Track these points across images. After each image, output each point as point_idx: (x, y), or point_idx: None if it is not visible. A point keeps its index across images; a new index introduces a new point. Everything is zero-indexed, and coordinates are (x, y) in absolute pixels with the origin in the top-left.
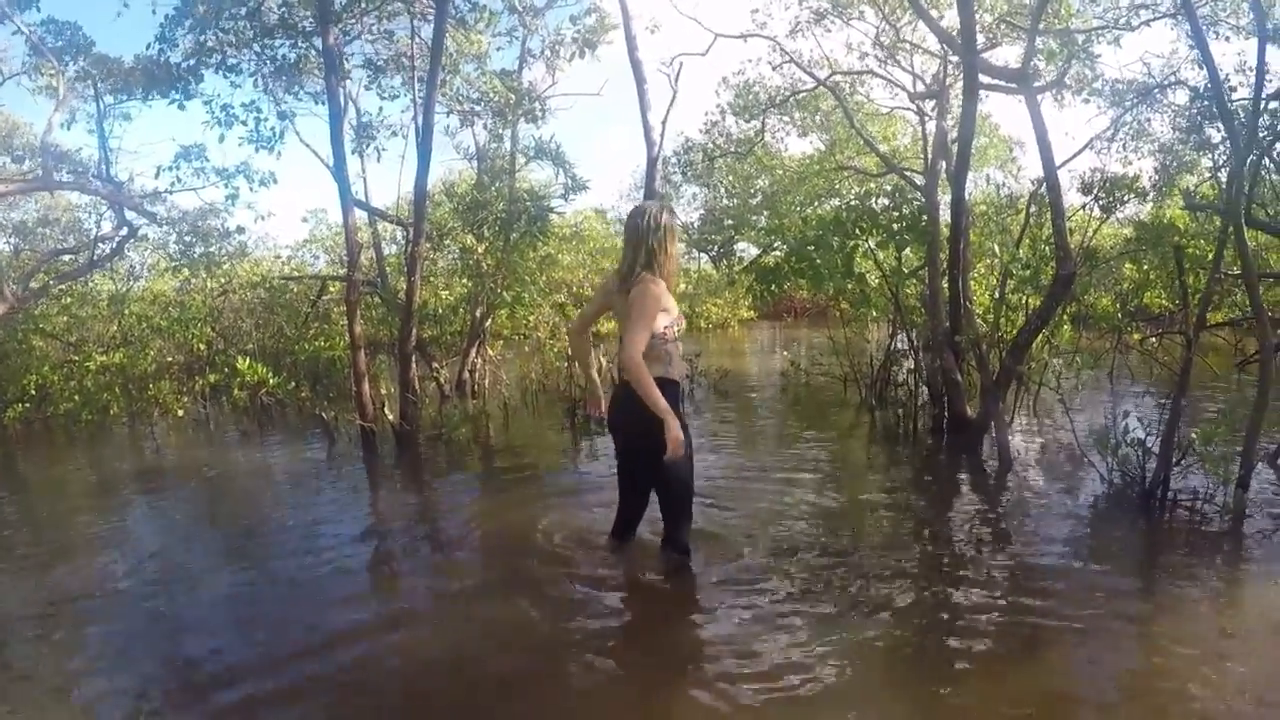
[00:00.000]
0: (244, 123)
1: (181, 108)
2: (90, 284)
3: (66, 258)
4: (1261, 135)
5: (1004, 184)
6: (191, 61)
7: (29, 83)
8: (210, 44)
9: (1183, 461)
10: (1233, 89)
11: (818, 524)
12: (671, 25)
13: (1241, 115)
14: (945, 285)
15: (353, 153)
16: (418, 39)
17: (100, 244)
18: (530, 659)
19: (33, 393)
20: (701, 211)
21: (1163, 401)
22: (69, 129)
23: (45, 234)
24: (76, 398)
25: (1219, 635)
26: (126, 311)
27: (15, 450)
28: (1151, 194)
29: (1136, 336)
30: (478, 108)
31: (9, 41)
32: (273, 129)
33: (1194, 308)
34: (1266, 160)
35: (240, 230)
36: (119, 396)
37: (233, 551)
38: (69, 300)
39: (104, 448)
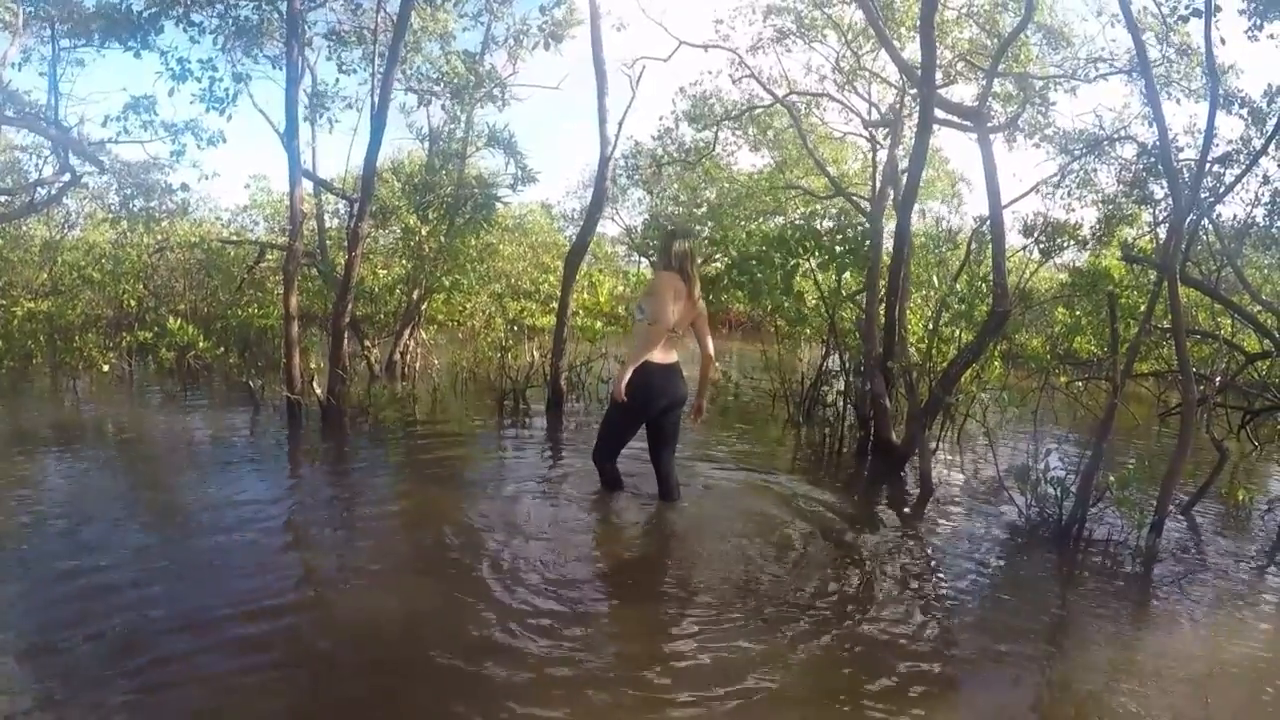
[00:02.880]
0: (198, 79)
1: (138, 56)
2: (24, 228)
3: (1, 199)
4: (1204, 195)
5: (946, 218)
6: (153, 10)
7: None
8: None
9: (1099, 503)
10: (1180, 149)
11: (732, 539)
12: (635, 27)
13: (1186, 174)
14: (881, 311)
15: (304, 121)
16: (383, 12)
17: (40, 188)
18: (437, 643)
19: None
20: (645, 217)
21: (1083, 444)
22: (20, 69)
23: None
24: (0, 343)
25: (1117, 673)
26: (59, 260)
27: None
28: (1091, 242)
29: (1063, 379)
30: (436, 88)
31: None
32: (226, 90)
33: (1122, 356)
34: (1205, 220)
35: (185, 188)
36: (43, 346)
37: (145, 514)
38: (0, 243)
39: (23, 396)
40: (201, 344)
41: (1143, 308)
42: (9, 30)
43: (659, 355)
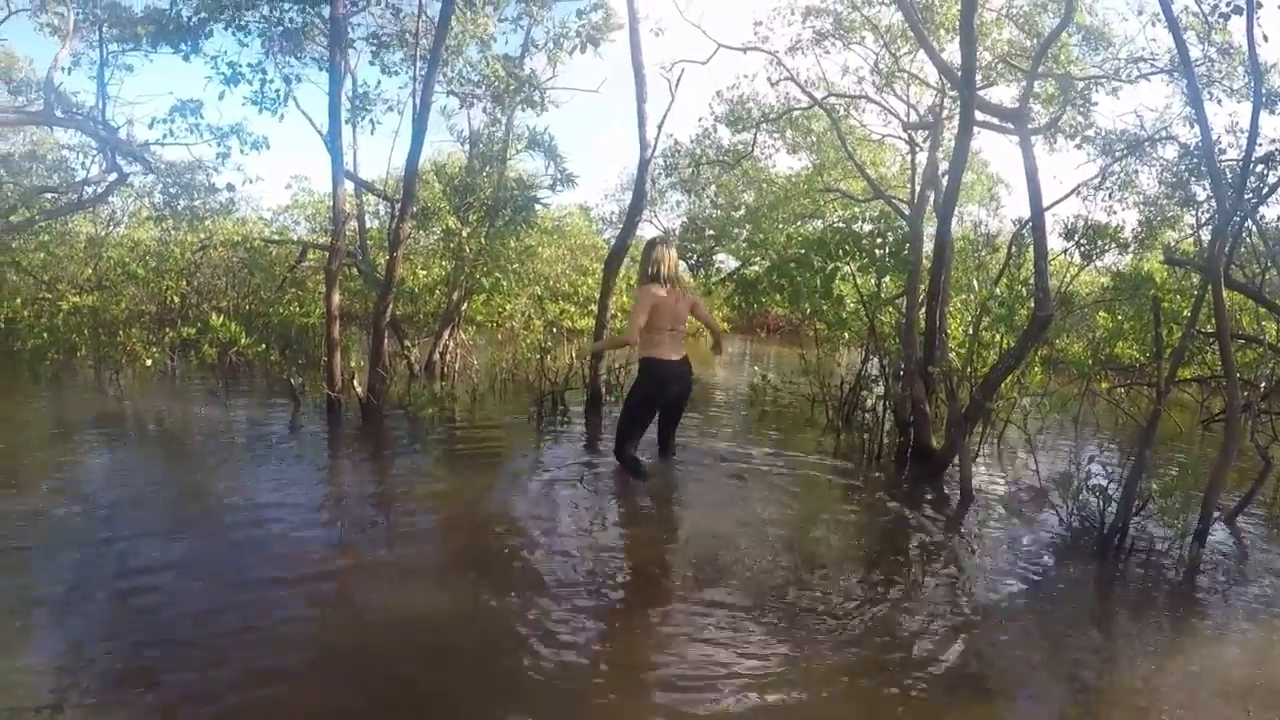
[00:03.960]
0: (249, 82)
1: (187, 60)
2: (70, 224)
3: (49, 196)
4: (1248, 196)
5: (984, 221)
6: (202, 15)
7: (32, 20)
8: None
9: (1141, 512)
10: (1222, 149)
11: (771, 542)
12: (674, 31)
13: (1229, 175)
14: (922, 315)
15: (346, 123)
16: (424, 16)
17: (87, 186)
18: (468, 639)
19: (2, 325)
20: (684, 219)
21: (1124, 451)
22: (69, 73)
23: (30, 169)
24: (45, 335)
25: (1159, 685)
26: (104, 256)
27: None
28: (1133, 245)
29: (1105, 385)
30: (477, 90)
31: None
32: (278, 91)
33: (1166, 361)
34: (1249, 222)
35: (230, 188)
36: (87, 339)
37: (184, 505)
38: (47, 238)
39: (67, 388)
40: (243, 341)
41: (1186, 312)
42: (59, 35)
43: (668, 353)
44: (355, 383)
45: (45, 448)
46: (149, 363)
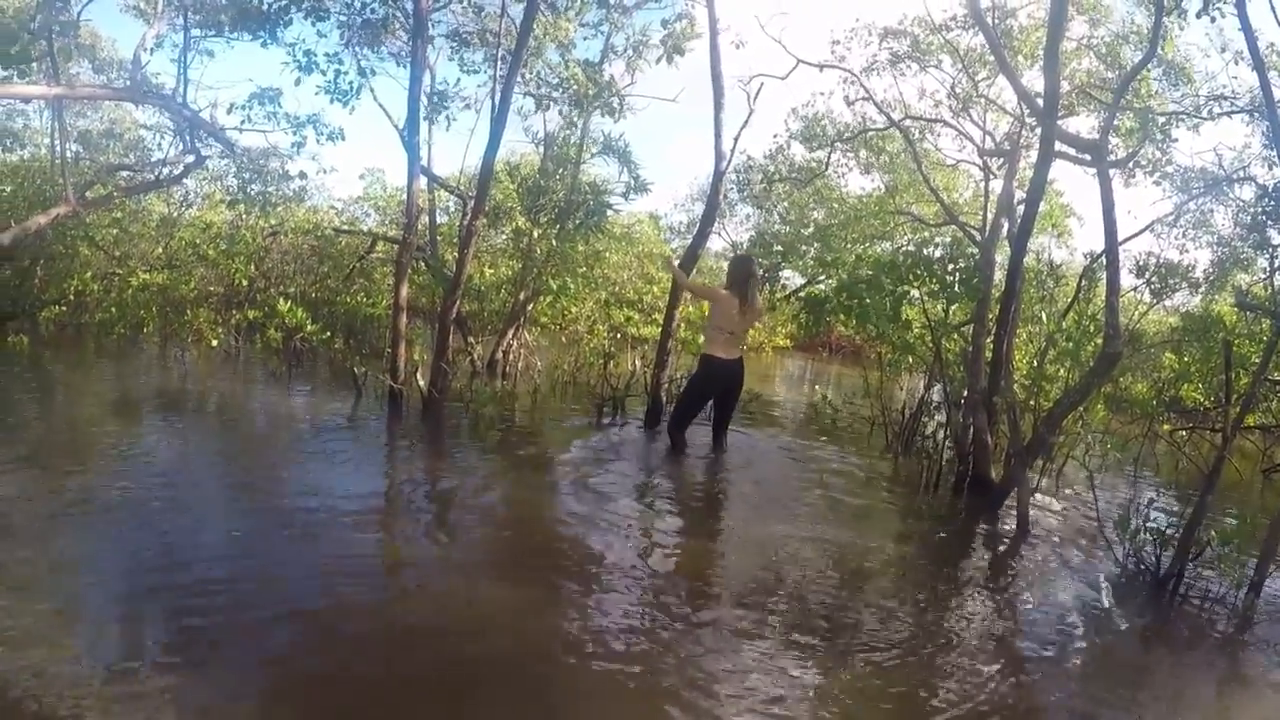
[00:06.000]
0: (323, 72)
1: (265, 46)
2: (143, 203)
3: (125, 174)
4: None
5: (1051, 251)
6: (283, 3)
7: (118, 1)
8: None
9: (1198, 559)
10: None
11: (821, 564)
12: (753, 44)
13: None
14: (989, 344)
15: (423, 119)
16: (506, 16)
17: (164, 167)
18: (518, 644)
19: (71, 298)
20: (752, 233)
21: (1182, 496)
22: (152, 54)
23: (108, 147)
24: (114, 310)
25: None
26: (175, 236)
27: (45, 351)
28: (1203, 286)
29: (1167, 427)
30: (555, 93)
31: None
32: (351, 83)
33: (1234, 407)
34: None
35: (303, 176)
36: (155, 316)
37: (241, 486)
38: (120, 215)
39: (133, 364)
40: (309, 327)
41: (1255, 357)
42: (145, 17)
43: (724, 353)
44: (418, 376)
45: (108, 422)
46: (214, 343)
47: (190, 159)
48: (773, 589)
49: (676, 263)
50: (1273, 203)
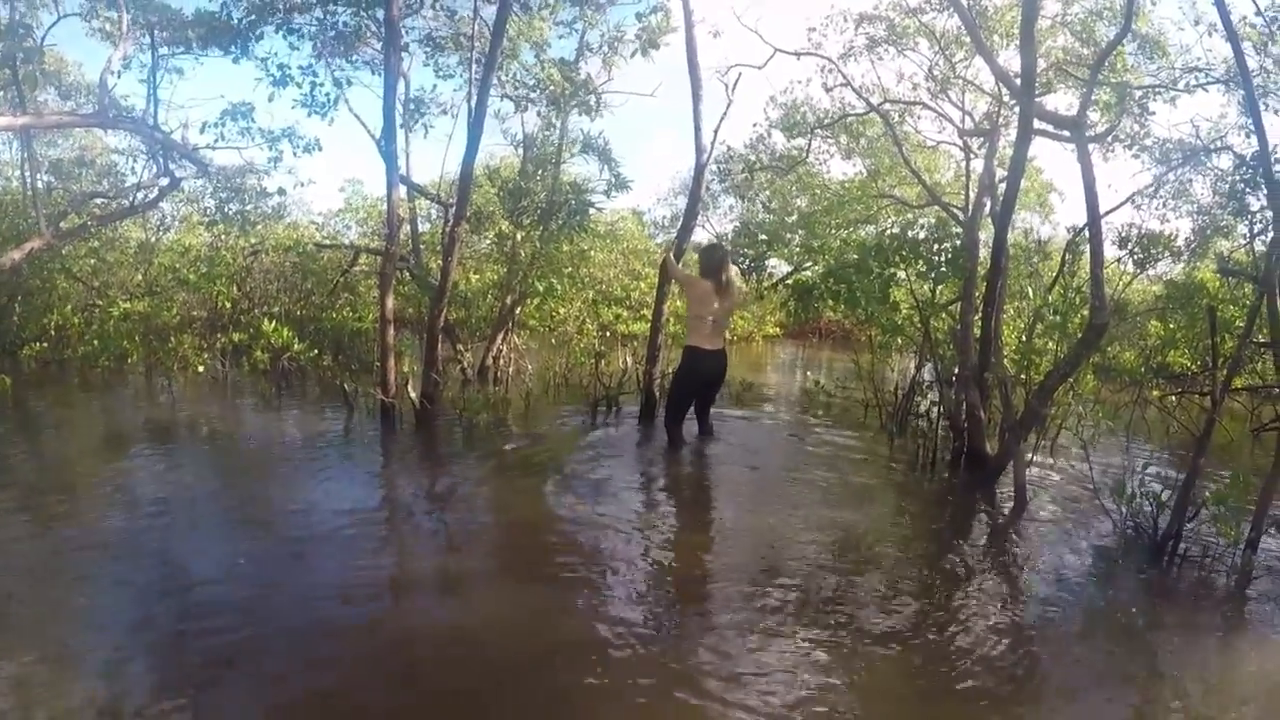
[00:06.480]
0: (299, 85)
1: (237, 62)
2: (120, 230)
3: (99, 201)
4: None
5: (1036, 228)
6: (253, 18)
7: (83, 25)
8: (275, 2)
9: (1194, 520)
10: (1278, 160)
11: (825, 546)
12: (729, 34)
13: None
14: (977, 322)
15: (400, 127)
16: (479, 19)
17: (138, 192)
18: (524, 651)
19: (52, 333)
20: (736, 224)
21: (1176, 460)
22: (119, 77)
23: (80, 175)
24: (96, 342)
25: (1211, 694)
26: (154, 261)
27: (29, 389)
28: (1185, 254)
29: (1156, 393)
30: (532, 94)
31: None
32: (328, 95)
33: (1221, 370)
34: None
35: (281, 191)
36: (138, 346)
37: (237, 513)
38: (97, 244)
39: (119, 396)
40: (296, 346)
41: (1238, 322)
42: (110, 39)
43: (707, 343)
44: (409, 388)
45: (98, 456)
46: (200, 369)
47: (165, 182)
48: (782, 574)
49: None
50: (1250, 170)
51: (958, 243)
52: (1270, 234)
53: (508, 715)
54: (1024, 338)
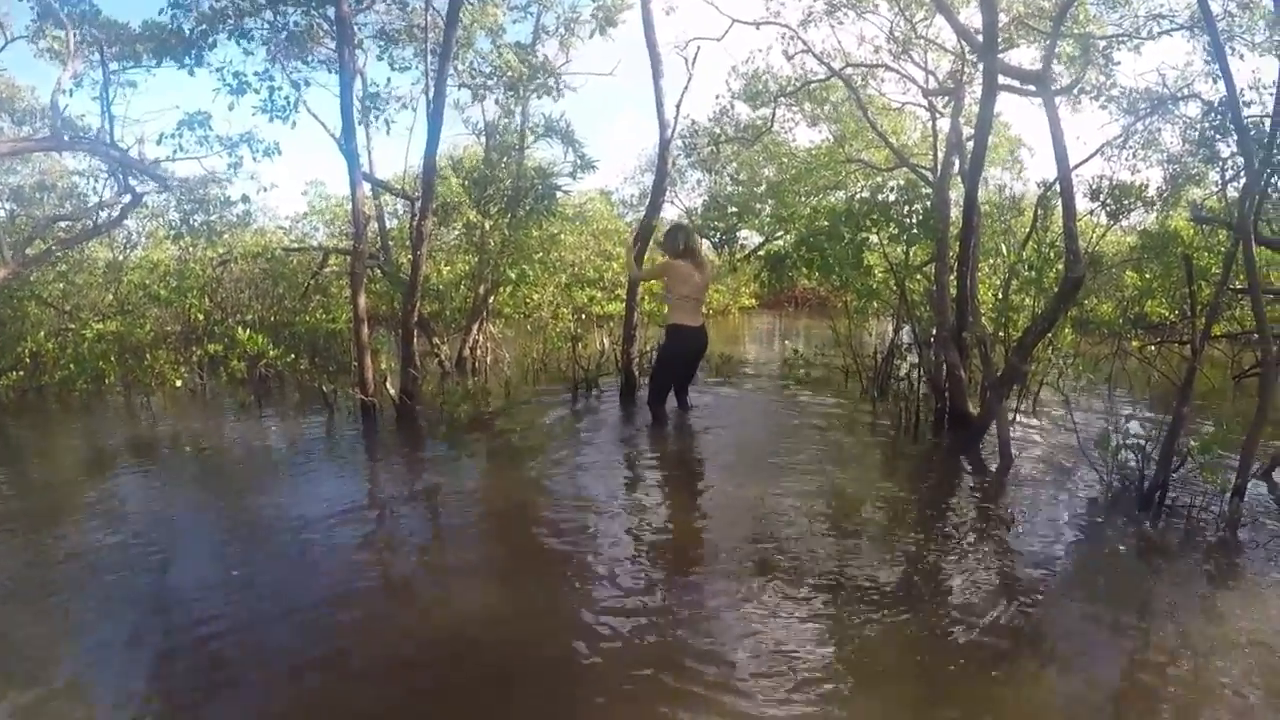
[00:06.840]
0: (256, 90)
1: (191, 74)
2: (86, 251)
3: (64, 224)
4: (1275, 152)
5: (1008, 184)
6: (204, 27)
7: (32, 46)
8: (225, 9)
9: (1180, 469)
10: (1246, 104)
11: (814, 515)
12: (686, 7)
13: (1255, 130)
14: (952, 281)
15: (360, 124)
16: (431, 10)
17: (101, 211)
18: (520, 642)
19: (27, 361)
20: (705, 198)
21: (1158, 410)
22: (72, 95)
23: (41, 199)
24: (72, 366)
25: (1205, 643)
26: (124, 280)
27: (7, 419)
28: (1158, 204)
29: (1136, 344)
30: (490, 81)
31: (10, 4)
32: (287, 98)
33: (1199, 318)
34: (1277, 178)
35: (245, 200)
36: (115, 366)
37: (226, 523)
38: (64, 268)
39: (99, 417)
40: (272, 352)
41: (1214, 269)
42: (60, 59)
43: (690, 320)
44: (388, 385)
45: (82, 479)
46: (178, 383)
47: (127, 199)
48: (774, 544)
49: (631, 238)
50: (1219, 117)
51: (928, 204)
52: (1242, 179)
53: (506, 712)
54: (1000, 295)
